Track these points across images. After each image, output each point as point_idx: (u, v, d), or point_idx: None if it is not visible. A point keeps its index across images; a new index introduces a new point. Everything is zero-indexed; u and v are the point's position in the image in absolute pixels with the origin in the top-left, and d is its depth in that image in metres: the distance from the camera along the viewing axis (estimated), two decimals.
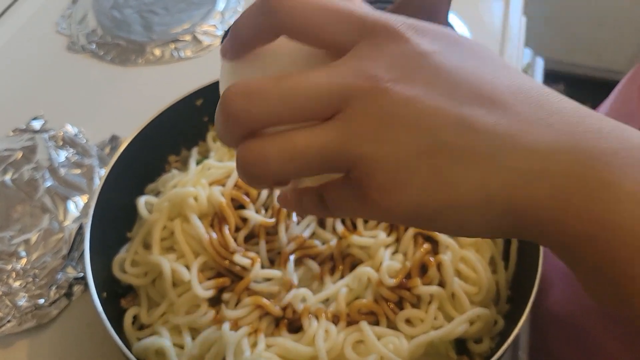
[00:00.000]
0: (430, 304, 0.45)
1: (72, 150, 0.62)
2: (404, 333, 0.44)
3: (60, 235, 0.55)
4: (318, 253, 0.48)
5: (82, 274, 0.53)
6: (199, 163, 0.54)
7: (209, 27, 0.79)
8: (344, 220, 0.49)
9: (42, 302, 0.51)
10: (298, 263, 0.48)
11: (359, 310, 0.45)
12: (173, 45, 0.77)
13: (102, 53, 0.76)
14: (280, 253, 0.47)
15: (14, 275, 0.52)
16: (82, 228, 0.55)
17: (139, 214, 0.51)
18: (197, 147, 0.57)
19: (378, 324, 0.45)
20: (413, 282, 0.45)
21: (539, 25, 1.15)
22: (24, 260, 0.53)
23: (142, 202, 0.51)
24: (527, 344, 0.54)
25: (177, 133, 0.56)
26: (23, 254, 0.53)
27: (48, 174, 0.59)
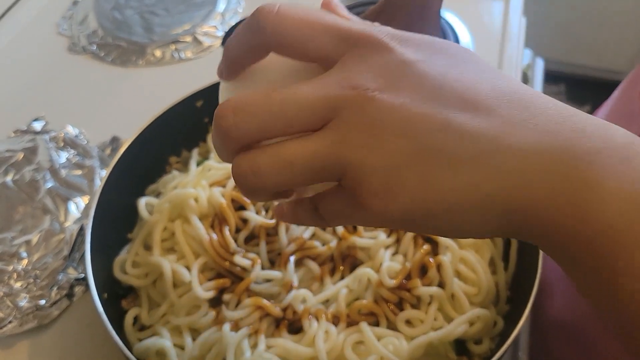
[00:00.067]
0: (430, 305, 0.45)
1: (73, 152, 0.62)
2: (404, 334, 0.44)
3: (61, 236, 0.55)
4: (318, 254, 0.48)
5: (83, 275, 0.53)
6: (200, 164, 0.54)
7: (210, 28, 0.79)
8: None
9: (43, 302, 0.51)
10: (298, 264, 0.48)
11: (359, 311, 0.45)
12: (173, 47, 0.77)
13: (102, 54, 0.77)
14: (281, 254, 0.47)
15: (15, 276, 0.52)
16: (83, 229, 0.55)
17: (140, 215, 0.51)
18: (197, 148, 0.57)
19: (378, 325, 0.45)
20: (413, 283, 0.45)
21: (539, 26, 1.15)
22: (25, 261, 0.53)
23: (142, 203, 0.51)
24: (527, 345, 0.54)
25: (177, 134, 0.56)
26: (24, 255, 0.53)
27: (49, 175, 0.59)
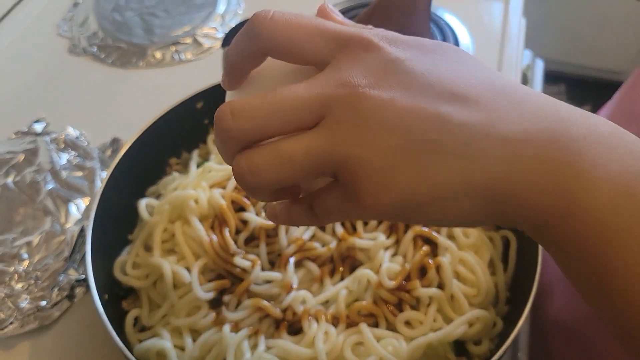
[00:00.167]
0: (430, 306, 0.45)
1: (73, 153, 0.62)
2: (403, 335, 0.45)
3: (62, 238, 0.55)
4: (318, 255, 0.48)
5: (83, 276, 0.53)
6: (200, 166, 0.54)
7: (210, 29, 0.79)
8: (344, 223, 0.50)
9: (44, 304, 0.51)
10: (298, 265, 0.48)
11: (359, 312, 0.45)
12: (174, 48, 0.77)
13: (103, 56, 0.77)
14: (281, 255, 0.48)
15: (16, 277, 0.52)
16: (83, 230, 0.55)
17: (140, 217, 0.51)
18: (197, 149, 0.57)
19: (377, 326, 0.45)
20: (412, 284, 0.45)
21: (539, 27, 1.15)
22: (26, 263, 0.53)
23: (143, 204, 0.51)
24: (526, 346, 0.54)
25: (177, 136, 0.56)
26: (25, 256, 0.53)
27: (50, 177, 0.59)
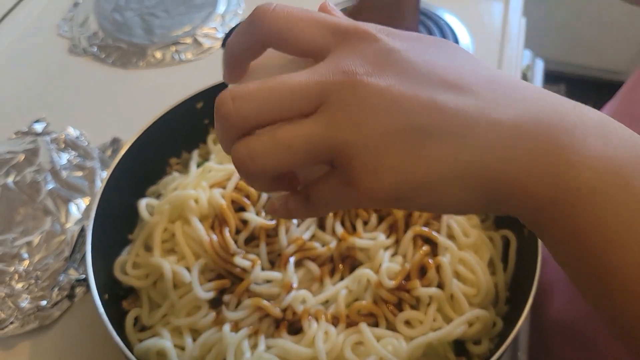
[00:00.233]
0: (429, 306, 0.45)
1: (73, 153, 0.62)
2: (403, 334, 0.45)
3: (62, 238, 0.55)
4: (318, 255, 0.48)
5: (84, 276, 0.53)
6: (200, 166, 0.54)
7: (210, 29, 0.79)
8: (344, 222, 0.50)
9: (44, 303, 0.51)
10: (298, 265, 0.48)
11: (359, 312, 0.45)
12: (174, 48, 0.77)
13: (103, 56, 0.77)
14: (281, 255, 0.48)
15: (17, 277, 0.52)
16: (83, 230, 0.55)
17: (140, 216, 0.51)
18: (197, 149, 0.57)
19: (377, 326, 0.45)
20: (412, 283, 0.46)
21: (539, 27, 1.15)
22: (27, 262, 0.53)
23: (143, 204, 0.51)
24: (526, 345, 0.54)
25: (177, 136, 0.56)
26: (25, 256, 0.54)
27: (50, 177, 0.59)
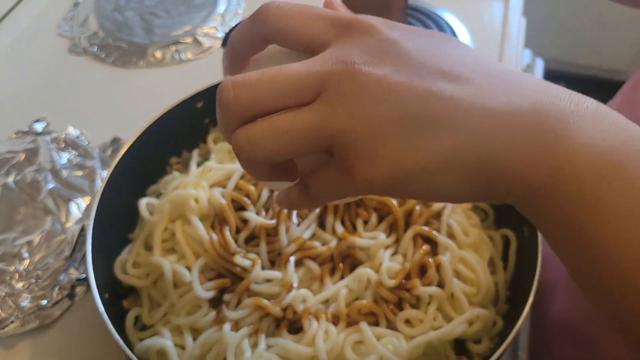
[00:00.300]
0: (430, 305, 0.45)
1: (74, 152, 0.62)
2: (404, 333, 0.45)
3: (63, 237, 0.55)
4: (318, 254, 0.48)
5: (84, 275, 0.53)
6: (200, 165, 0.54)
7: (210, 29, 0.79)
8: (344, 222, 0.50)
9: (44, 303, 0.51)
10: (298, 264, 0.48)
11: (359, 311, 0.45)
12: (174, 48, 0.77)
13: (103, 55, 0.77)
14: (281, 254, 0.48)
15: (17, 277, 0.52)
16: (84, 229, 0.55)
17: (141, 216, 0.51)
18: (197, 149, 0.57)
19: (378, 325, 0.45)
20: (412, 283, 0.46)
21: (539, 26, 1.15)
22: (27, 262, 0.53)
23: (143, 203, 0.51)
24: (527, 344, 0.54)
25: (178, 135, 0.56)
26: (26, 256, 0.54)
27: (50, 176, 0.59)
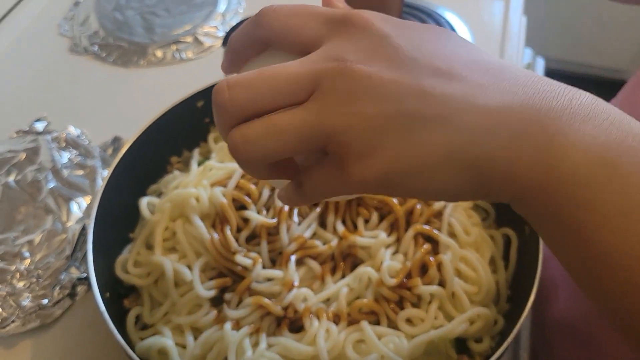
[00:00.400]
0: (431, 304, 0.45)
1: (74, 152, 0.62)
2: (405, 332, 0.45)
3: (64, 236, 0.55)
4: (319, 253, 0.48)
5: (85, 275, 0.53)
6: (201, 164, 0.54)
7: (210, 28, 0.79)
8: (345, 221, 0.50)
9: (45, 302, 0.51)
10: (299, 263, 0.48)
11: (360, 310, 0.45)
12: (174, 47, 0.77)
13: (104, 55, 0.77)
14: (282, 253, 0.48)
15: (18, 276, 0.52)
16: (85, 229, 0.55)
17: (142, 215, 0.51)
18: (198, 148, 0.57)
19: (379, 324, 0.45)
20: (413, 281, 0.46)
21: (540, 25, 1.15)
22: (28, 261, 0.53)
23: (144, 203, 0.51)
24: (528, 343, 0.54)
25: (178, 134, 0.56)
26: (27, 255, 0.54)
27: (51, 175, 0.59)
